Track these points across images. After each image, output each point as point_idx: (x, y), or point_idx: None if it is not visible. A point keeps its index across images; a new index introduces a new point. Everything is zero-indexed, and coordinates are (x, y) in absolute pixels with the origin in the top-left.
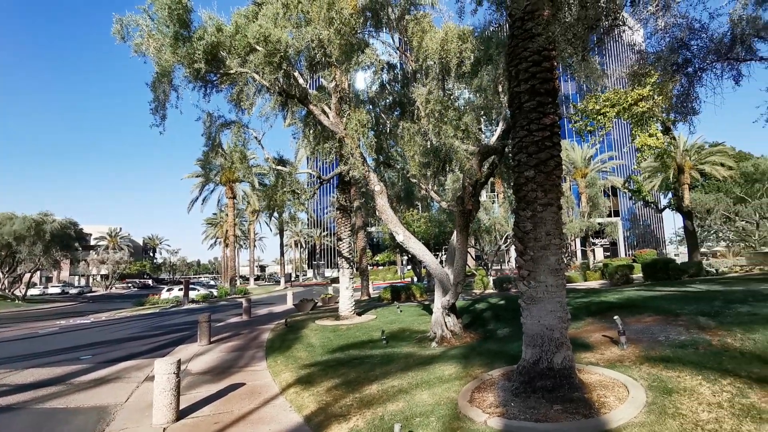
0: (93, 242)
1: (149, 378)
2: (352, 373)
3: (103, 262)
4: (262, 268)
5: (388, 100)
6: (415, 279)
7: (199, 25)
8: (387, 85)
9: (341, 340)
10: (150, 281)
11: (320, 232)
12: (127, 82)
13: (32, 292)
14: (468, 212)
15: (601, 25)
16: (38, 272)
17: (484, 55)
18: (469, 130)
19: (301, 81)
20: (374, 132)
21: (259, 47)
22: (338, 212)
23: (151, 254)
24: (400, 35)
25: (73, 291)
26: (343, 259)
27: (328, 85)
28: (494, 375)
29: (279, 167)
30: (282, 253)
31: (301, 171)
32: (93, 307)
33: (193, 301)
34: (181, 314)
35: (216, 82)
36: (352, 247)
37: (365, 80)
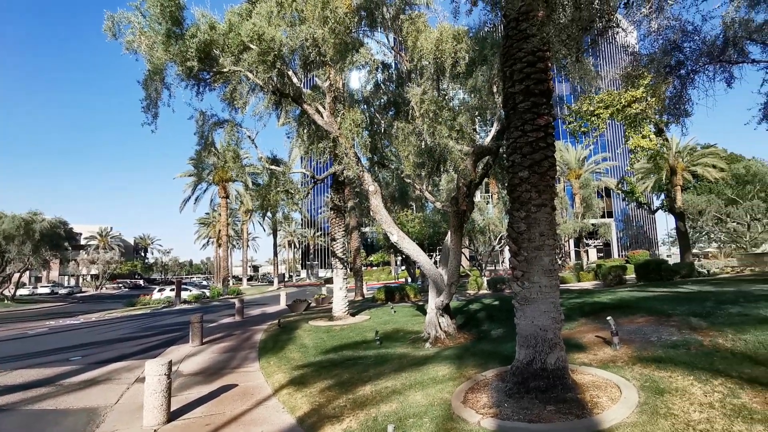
0: (83, 242)
1: (140, 379)
2: (346, 374)
3: (93, 262)
4: (255, 269)
5: (382, 100)
6: (409, 279)
7: (192, 23)
8: (382, 84)
9: (335, 340)
10: (141, 281)
11: (314, 233)
12: (119, 80)
13: (21, 292)
14: (462, 213)
15: (595, 26)
16: (27, 272)
17: (479, 56)
18: (463, 131)
19: (296, 80)
20: (369, 132)
21: (253, 46)
22: (332, 212)
23: (143, 254)
24: (395, 35)
25: (63, 291)
26: (337, 260)
27: (323, 85)
28: (488, 376)
29: (272, 167)
30: (275, 254)
31: (295, 171)
32: (83, 308)
33: (185, 302)
34: (173, 315)
35: (209, 81)
36: (346, 247)
37: (360, 80)
